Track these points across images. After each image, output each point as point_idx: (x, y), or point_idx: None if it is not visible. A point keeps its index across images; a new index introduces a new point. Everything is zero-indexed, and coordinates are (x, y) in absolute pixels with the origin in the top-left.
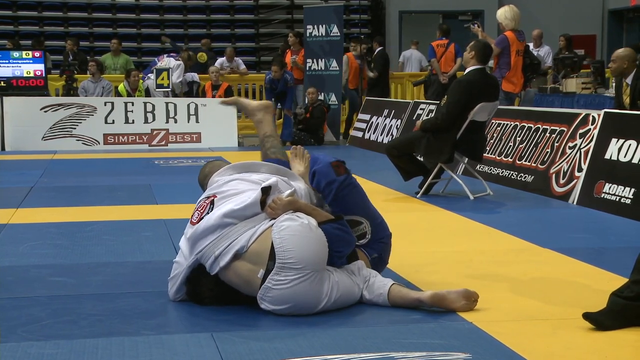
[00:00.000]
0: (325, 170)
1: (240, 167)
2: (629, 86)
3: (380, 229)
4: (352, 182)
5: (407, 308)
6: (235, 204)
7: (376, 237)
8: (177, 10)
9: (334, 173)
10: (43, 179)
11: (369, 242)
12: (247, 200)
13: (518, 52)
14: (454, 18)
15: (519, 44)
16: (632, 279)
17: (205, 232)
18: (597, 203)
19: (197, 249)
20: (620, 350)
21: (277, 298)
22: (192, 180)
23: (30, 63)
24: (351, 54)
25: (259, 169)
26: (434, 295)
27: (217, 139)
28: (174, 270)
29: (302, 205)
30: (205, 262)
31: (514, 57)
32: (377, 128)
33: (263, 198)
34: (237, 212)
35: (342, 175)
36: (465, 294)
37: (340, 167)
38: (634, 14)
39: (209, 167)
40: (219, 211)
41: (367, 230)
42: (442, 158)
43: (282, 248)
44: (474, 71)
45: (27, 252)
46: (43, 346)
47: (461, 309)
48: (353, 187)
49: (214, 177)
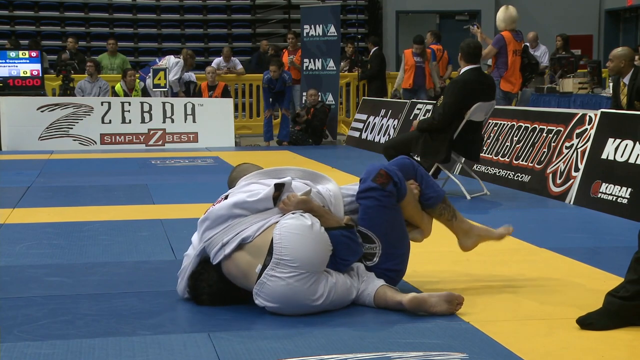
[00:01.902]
0: (371, 168)
1: (268, 173)
2: (626, 86)
3: (392, 260)
4: (378, 197)
5: (391, 310)
6: (248, 196)
7: (382, 266)
8: (173, 10)
9: (373, 177)
10: (40, 179)
11: (373, 267)
12: (260, 194)
13: (516, 51)
14: (451, 18)
15: (516, 44)
16: (627, 278)
17: (215, 221)
18: (594, 203)
19: (207, 236)
20: (617, 350)
21: (270, 294)
22: (189, 180)
23: (26, 63)
24: (409, 51)
25: (287, 173)
26: (412, 299)
27: (214, 139)
28: (183, 262)
29: (315, 206)
30: (211, 251)
31: (511, 57)
32: (374, 128)
33: (276, 194)
34: (248, 203)
35: (376, 183)
36: (448, 297)
37: (381, 177)
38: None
39: (237, 170)
40: (230, 200)
41: (377, 252)
42: (438, 158)
43: (280, 244)
44: (469, 71)
45: (24, 252)
46: (39, 346)
47: (443, 314)
48: (378, 202)
49: (241, 180)
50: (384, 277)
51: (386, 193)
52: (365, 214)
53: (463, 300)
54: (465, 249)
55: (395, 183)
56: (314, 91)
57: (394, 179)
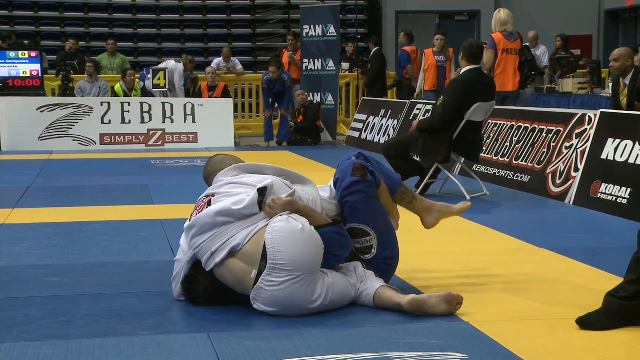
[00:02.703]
0: (344, 166)
1: (245, 168)
2: (626, 86)
3: (388, 248)
4: (363, 189)
5: (390, 311)
6: (232, 203)
7: (381, 256)
8: (173, 10)
9: (350, 172)
10: (39, 179)
11: (372, 259)
12: (246, 200)
13: (508, 50)
14: (451, 18)
15: (507, 43)
16: (627, 278)
17: (202, 228)
18: (594, 203)
19: (195, 244)
20: (616, 350)
21: (269, 299)
22: (188, 180)
23: (26, 63)
24: (430, 50)
25: (265, 171)
26: (412, 300)
27: (214, 139)
28: (175, 269)
29: (301, 206)
30: (202, 258)
31: (500, 55)
32: (373, 128)
33: (260, 199)
34: (233, 211)
35: (356, 177)
36: (447, 298)
37: (359, 170)
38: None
39: (212, 164)
40: (214, 208)
41: (374, 244)
42: (438, 158)
43: (274, 249)
44: (469, 71)
45: (24, 252)
46: (39, 346)
47: (442, 314)
48: (364, 193)
49: (218, 176)
50: (384, 267)
51: (368, 183)
52: (353, 209)
53: (462, 300)
54: (429, 226)
55: (372, 172)
56: (301, 91)
57: (369, 168)
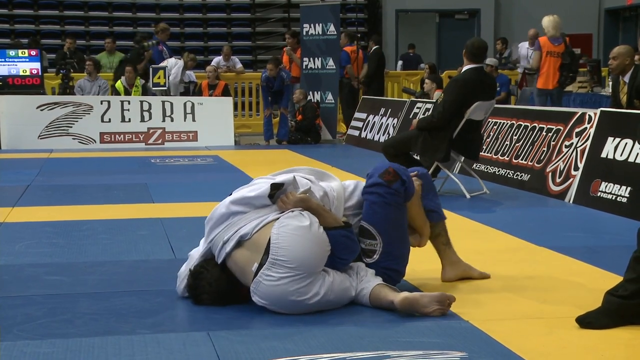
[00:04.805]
0: (380, 165)
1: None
2: (626, 84)
3: (392, 260)
4: (383, 193)
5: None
6: (248, 190)
7: (382, 264)
8: (173, 8)
9: (380, 173)
10: (39, 177)
11: (373, 264)
12: (259, 190)
13: (551, 53)
14: (451, 17)
15: (551, 46)
16: (626, 277)
17: (219, 220)
18: (593, 202)
19: (211, 236)
20: (616, 349)
21: (266, 293)
22: (188, 178)
23: (26, 61)
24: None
25: (296, 171)
26: (403, 299)
27: (214, 138)
28: (186, 264)
29: (313, 205)
30: (215, 250)
31: (544, 57)
32: (373, 127)
33: (272, 193)
34: (247, 199)
35: (382, 180)
36: (439, 298)
37: (389, 175)
38: (630, 13)
39: None
40: (230, 197)
41: (378, 250)
42: (438, 157)
43: (277, 244)
44: (470, 70)
45: (23, 251)
46: (39, 345)
47: (433, 314)
48: (383, 198)
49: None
50: (384, 275)
51: (392, 190)
52: (369, 208)
53: (454, 299)
54: (448, 280)
55: (404, 182)
56: (299, 91)
57: (402, 177)
